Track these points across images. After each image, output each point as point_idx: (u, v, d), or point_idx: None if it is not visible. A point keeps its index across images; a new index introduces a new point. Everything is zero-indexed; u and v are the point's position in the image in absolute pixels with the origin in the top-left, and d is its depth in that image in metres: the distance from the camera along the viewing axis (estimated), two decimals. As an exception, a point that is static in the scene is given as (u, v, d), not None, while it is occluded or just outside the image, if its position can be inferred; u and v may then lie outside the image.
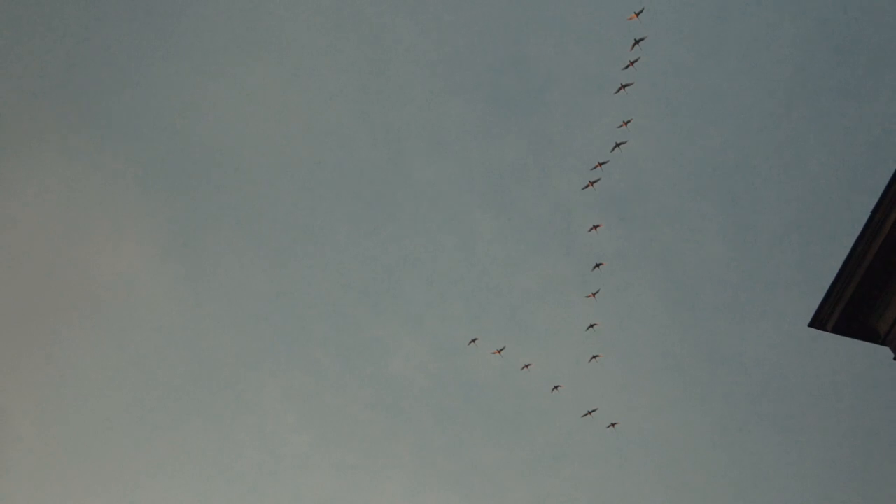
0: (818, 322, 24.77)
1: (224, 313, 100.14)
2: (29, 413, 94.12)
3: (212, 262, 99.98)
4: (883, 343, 24.56)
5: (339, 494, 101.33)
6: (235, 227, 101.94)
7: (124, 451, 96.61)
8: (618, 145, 70.74)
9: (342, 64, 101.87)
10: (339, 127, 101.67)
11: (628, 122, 70.95)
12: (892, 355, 24.13)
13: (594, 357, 76.45)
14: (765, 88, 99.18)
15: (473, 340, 78.16)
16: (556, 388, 77.75)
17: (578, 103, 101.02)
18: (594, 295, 76.06)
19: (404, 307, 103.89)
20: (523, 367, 76.78)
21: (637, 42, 66.95)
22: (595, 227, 74.15)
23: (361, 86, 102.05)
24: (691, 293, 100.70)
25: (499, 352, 77.29)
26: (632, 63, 67.68)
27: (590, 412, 75.85)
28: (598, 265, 75.01)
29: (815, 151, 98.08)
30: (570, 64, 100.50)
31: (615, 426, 77.06)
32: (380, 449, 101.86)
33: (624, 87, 68.51)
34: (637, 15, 66.70)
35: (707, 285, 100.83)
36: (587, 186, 73.13)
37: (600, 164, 72.02)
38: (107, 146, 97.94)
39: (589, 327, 76.21)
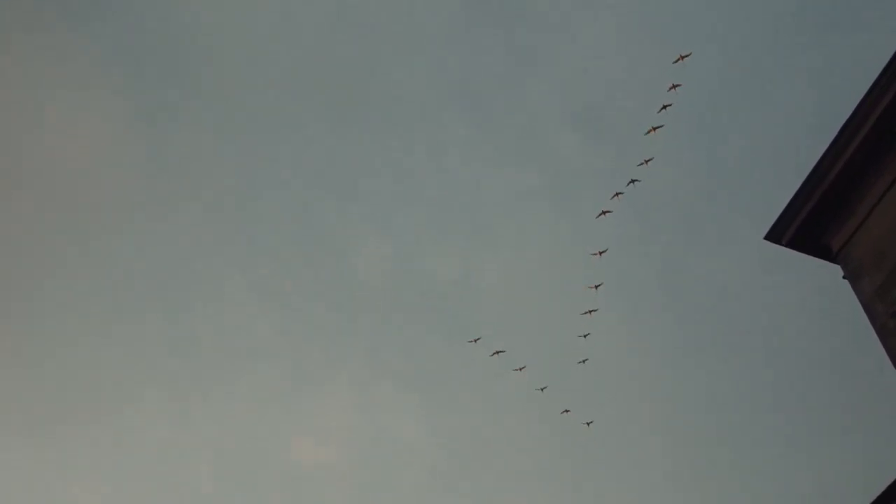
0: (774, 235, 25.29)
1: (187, 200, 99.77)
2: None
3: (177, 148, 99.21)
4: (834, 261, 25.22)
5: (293, 384, 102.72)
6: (202, 115, 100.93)
7: (84, 339, 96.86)
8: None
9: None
10: (314, 22, 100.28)
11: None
12: (842, 273, 24.79)
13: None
14: (747, 15, 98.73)
15: (476, 340, 73.97)
16: (542, 388, 74.36)
17: (564, 17, 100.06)
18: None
19: (368, 207, 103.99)
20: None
21: (674, 87, 63.52)
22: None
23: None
24: (652, 215, 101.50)
25: (497, 353, 73.91)
26: (664, 107, 63.85)
27: (565, 410, 73.24)
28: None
29: (792, 81, 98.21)
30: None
31: (590, 424, 74.55)
32: (335, 343, 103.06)
33: (654, 128, 64.51)
34: (683, 58, 62.94)
35: (667, 208, 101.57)
36: (600, 215, 67.94)
37: (617, 194, 67.21)
38: (65, 20, 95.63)
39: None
